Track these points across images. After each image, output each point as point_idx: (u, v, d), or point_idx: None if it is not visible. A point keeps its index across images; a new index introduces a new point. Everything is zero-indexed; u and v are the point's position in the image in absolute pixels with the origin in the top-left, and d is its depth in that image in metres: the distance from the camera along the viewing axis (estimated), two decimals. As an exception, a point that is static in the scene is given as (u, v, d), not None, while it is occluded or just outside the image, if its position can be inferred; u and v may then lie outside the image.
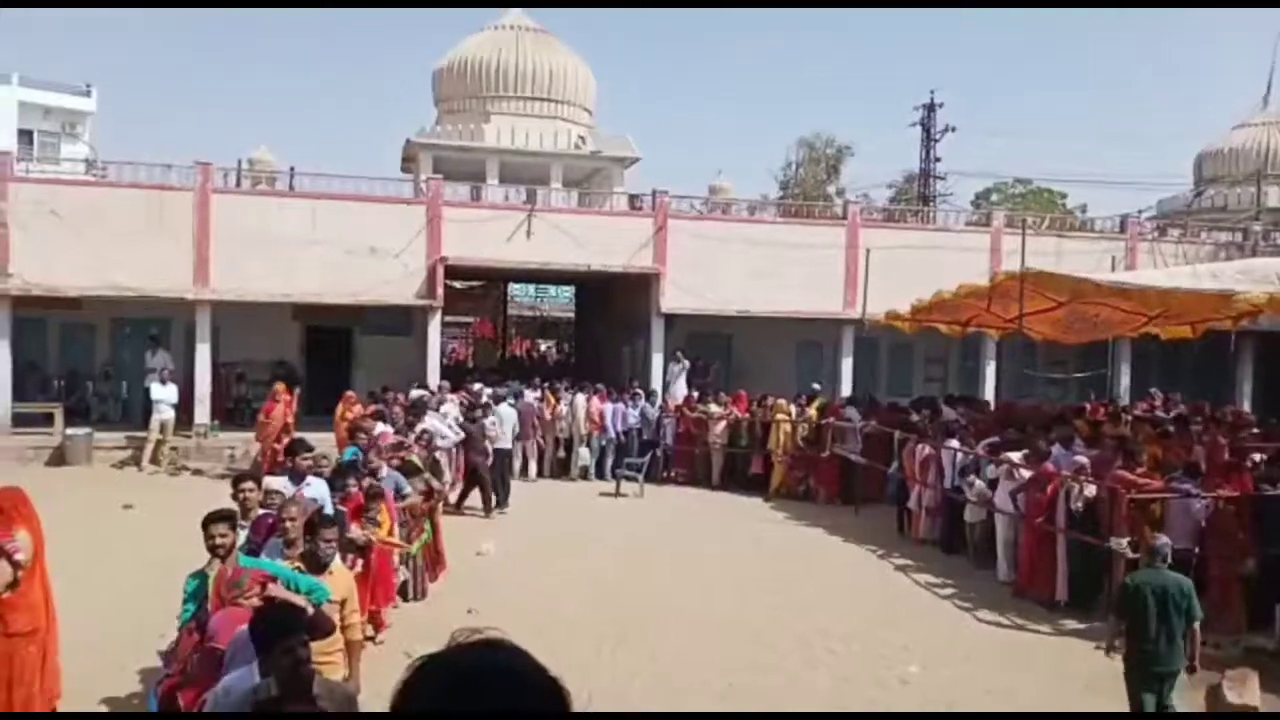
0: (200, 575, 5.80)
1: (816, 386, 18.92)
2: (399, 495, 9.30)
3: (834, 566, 11.89)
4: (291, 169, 22.40)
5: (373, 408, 14.49)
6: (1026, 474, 10.87)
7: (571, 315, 34.91)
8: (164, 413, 17.48)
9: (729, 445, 17.33)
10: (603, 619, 9.24)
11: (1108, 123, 79.11)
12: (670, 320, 21.45)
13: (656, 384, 20.29)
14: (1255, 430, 15.04)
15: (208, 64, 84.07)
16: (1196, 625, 6.67)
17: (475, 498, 14.08)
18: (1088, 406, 17.49)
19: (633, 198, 23.77)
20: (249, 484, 7.04)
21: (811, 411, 17.13)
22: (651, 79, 78.92)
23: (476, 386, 17.55)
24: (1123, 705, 7.54)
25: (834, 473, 16.04)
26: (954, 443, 13.16)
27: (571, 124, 29.86)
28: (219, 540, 5.74)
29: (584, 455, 17.47)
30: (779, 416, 16.93)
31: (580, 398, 17.64)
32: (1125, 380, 22.12)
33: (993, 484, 11.58)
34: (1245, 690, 7.51)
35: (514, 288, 35.50)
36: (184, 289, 18.82)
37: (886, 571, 11.73)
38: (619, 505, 15.22)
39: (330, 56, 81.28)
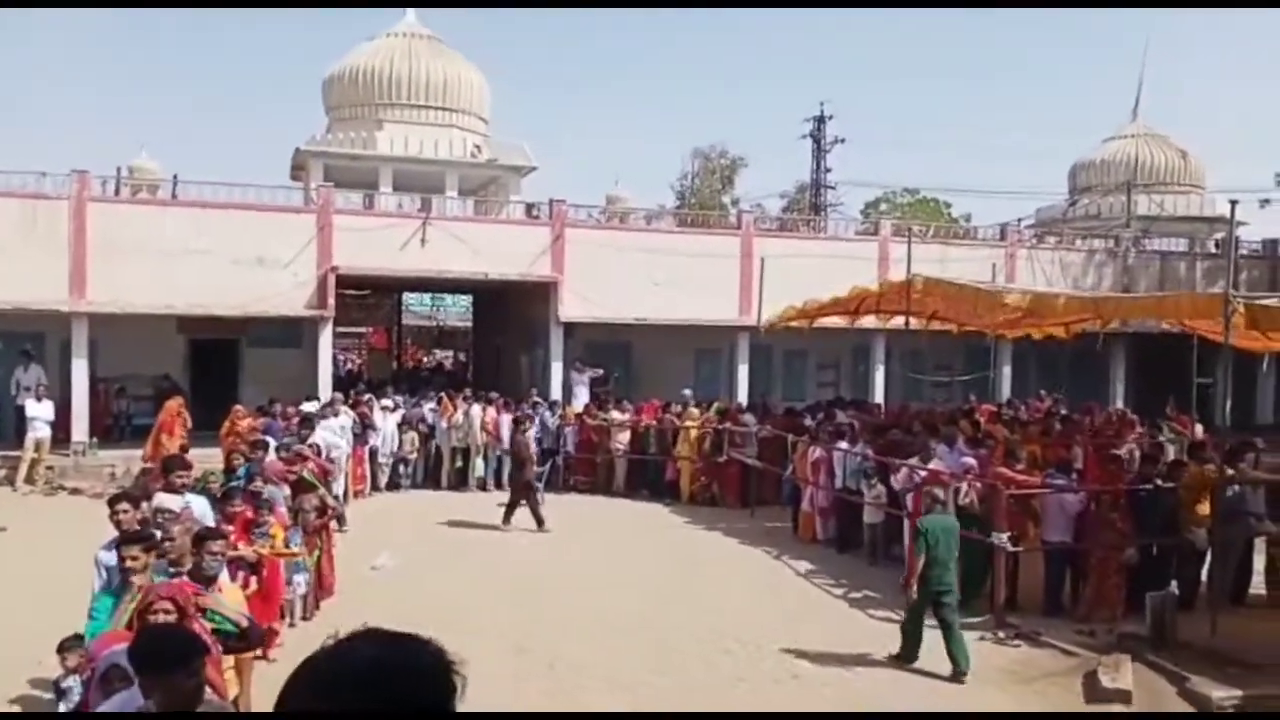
0: (113, 594, 5.53)
1: (687, 393, 19.01)
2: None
3: (731, 568, 12.04)
4: (174, 177, 21.63)
5: (260, 420, 14.10)
6: (920, 474, 11.21)
7: (469, 324, 34.59)
8: (39, 430, 16.66)
9: (633, 452, 17.40)
10: (504, 627, 9.17)
11: (991, 135, 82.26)
12: (569, 329, 21.44)
13: (557, 393, 20.25)
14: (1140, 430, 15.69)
15: (85, 69, 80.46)
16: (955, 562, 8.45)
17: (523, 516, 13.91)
18: (980, 407, 18.09)
19: (529, 206, 23.71)
20: (123, 505, 6.74)
21: (711, 415, 17.36)
22: (548, 89, 78.74)
23: (366, 397, 17.23)
24: (1020, 696, 7.87)
25: (736, 477, 16.27)
26: (844, 445, 13.50)
27: (466, 132, 29.64)
28: (129, 564, 5.48)
29: (479, 466, 17.31)
30: (687, 423, 17.07)
31: (476, 408, 17.48)
32: (1006, 382, 23.02)
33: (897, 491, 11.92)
34: (1119, 675, 7.92)
35: (409, 297, 34.99)
36: (59, 301, 17.96)
37: (782, 572, 11.94)
38: (517, 515, 15.13)
39: (216, 64, 78.85)
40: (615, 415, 17.80)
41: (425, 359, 40.04)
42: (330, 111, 30.13)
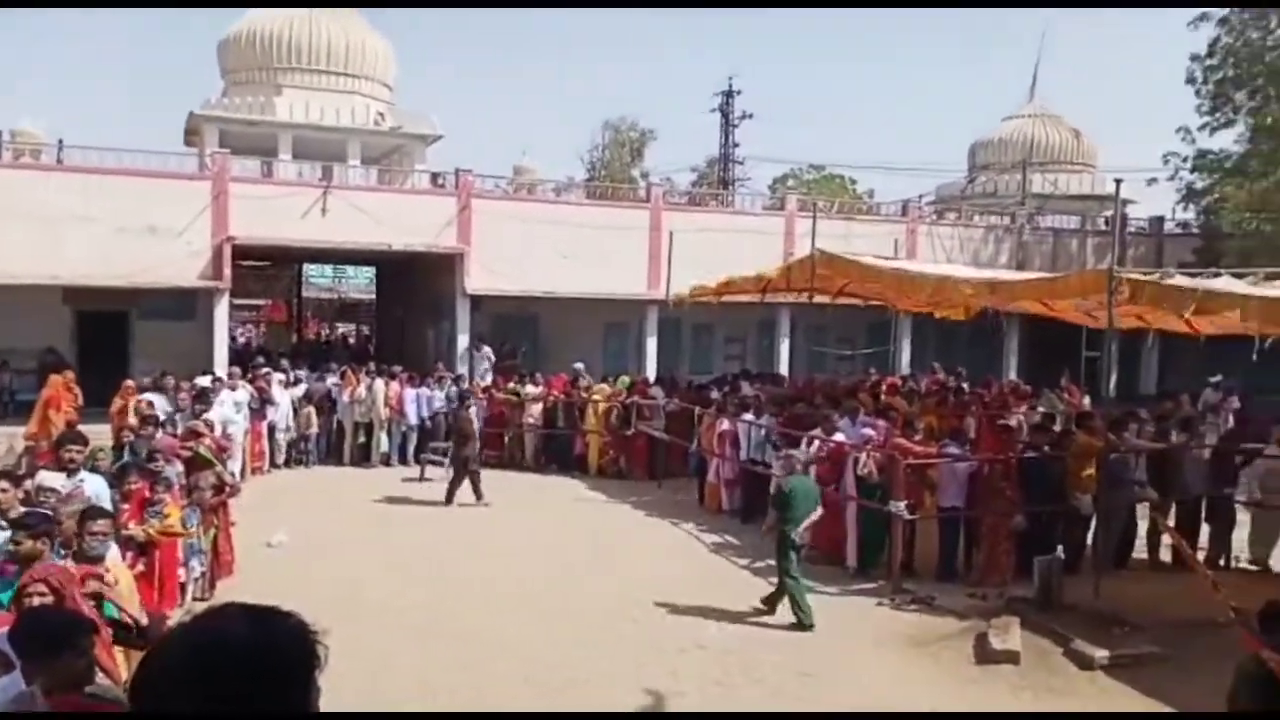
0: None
1: (579, 366, 18.91)
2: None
3: (639, 540, 12.12)
4: (59, 141, 20.62)
5: (146, 397, 13.56)
6: (828, 445, 11.38)
7: (372, 297, 33.93)
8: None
9: (544, 426, 17.32)
10: (407, 605, 9.08)
11: (895, 113, 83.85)
12: (476, 301, 21.21)
13: (464, 367, 20.04)
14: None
15: (-44, 22, 75.84)
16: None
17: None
18: (883, 380, 18.49)
19: (435, 176, 23.30)
20: (1, 484, 6.44)
21: (619, 388, 17.39)
22: (456, 58, 77.39)
23: (265, 371, 16.77)
24: (915, 659, 8.11)
25: (644, 450, 16.35)
26: (749, 417, 13.67)
27: (370, 99, 28.92)
28: (13, 549, 5.23)
29: (383, 441, 17.03)
30: (595, 397, 17.05)
31: (379, 383, 17.16)
32: (906, 356, 23.61)
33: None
34: (1008, 637, 8.23)
35: (309, 268, 34.15)
36: (-68, 270, 17.04)
37: (689, 542, 12.07)
38: (423, 490, 14.96)
39: (105, 22, 75.18)
40: (529, 389, 17.67)
41: (327, 332, 39.16)
42: (226, 75, 29.06)
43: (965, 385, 18.25)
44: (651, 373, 21.11)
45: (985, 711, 7.23)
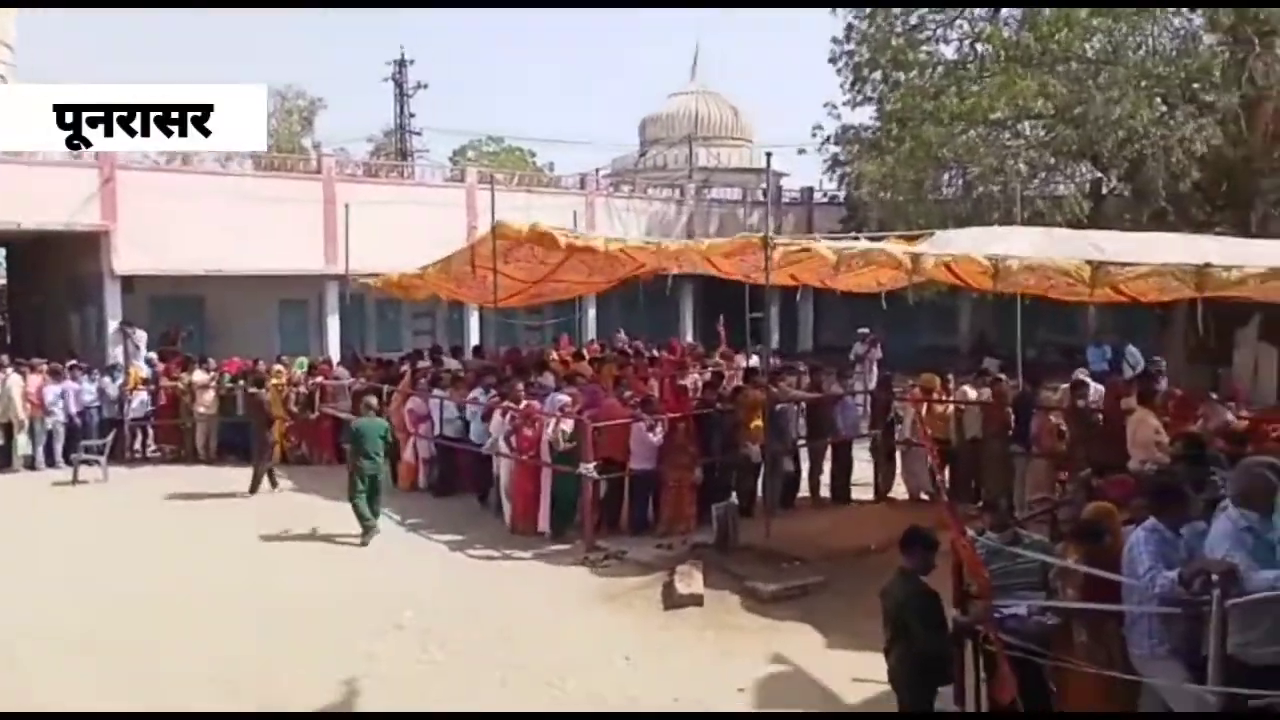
0: None
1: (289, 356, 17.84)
2: None
3: (329, 526, 11.56)
4: None
5: None
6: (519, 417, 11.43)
7: (3, 282, 29.95)
8: None
9: (221, 415, 16.07)
10: (58, 626, 8.13)
11: (571, 87, 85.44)
12: (128, 283, 19.30)
13: (118, 355, 18.17)
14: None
15: None
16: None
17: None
18: (590, 347, 18.83)
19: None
20: None
21: (296, 371, 16.51)
22: (96, 20, 69.19)
23: None
24: (610, 612, 8.42)
25: (329, 434, 15.63)
26: (439, 392, 13.50)
27: (-14, 58, 25.30)
28: None
29: (22, 444, 15.10)
30: (273, 381, 15.96)
31: (16, 377, 15.15)
32: (592, 323, 24.33)
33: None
34: (692, 582, 8.79)
35: (-80, 251, 29.47)
36: None
37: (382, 523, 11.69)
38: (77, 494, 13.49)
39: None
40: (198, 376, 16.30)
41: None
42: None
43: (649, 349, 19.03)
44: (335, 352, 20.27)
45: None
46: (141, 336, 18.51)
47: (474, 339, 22.92)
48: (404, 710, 6.57)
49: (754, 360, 16.21)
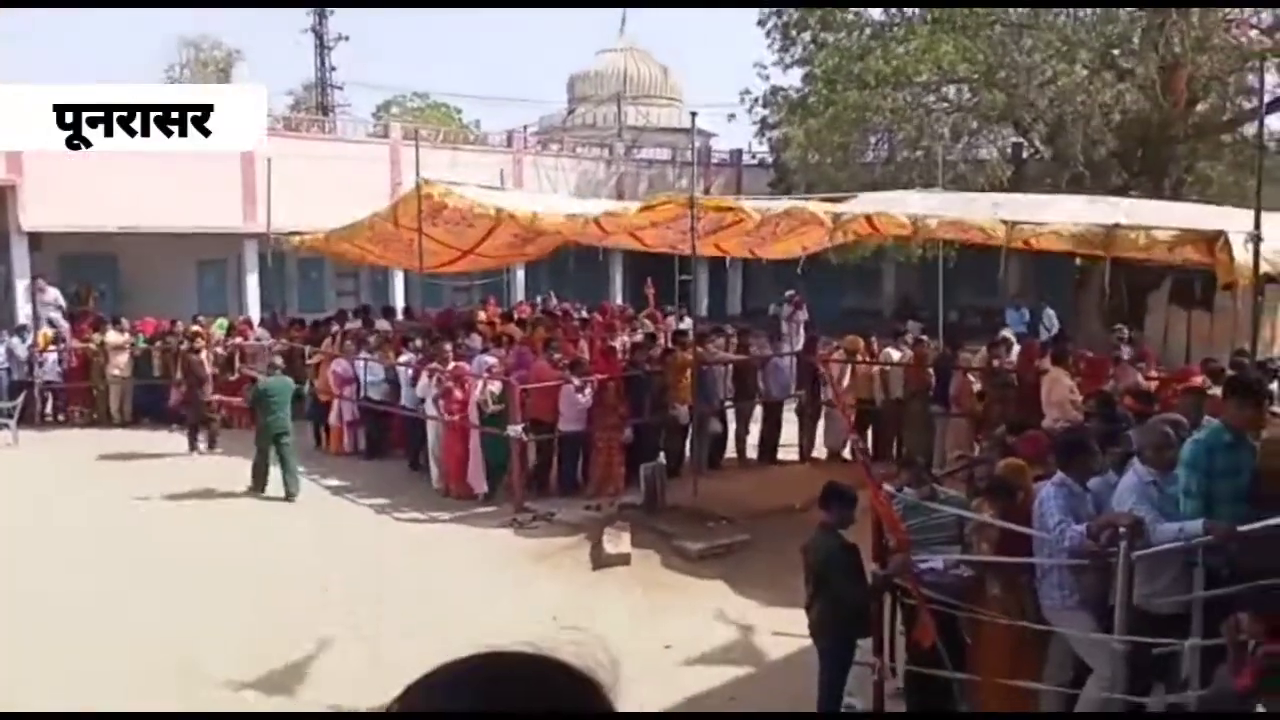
0: None
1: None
2: None
3: (249, 491, 11.34)
4: None
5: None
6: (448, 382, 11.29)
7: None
8: None
9: (136, 377, 15.59)
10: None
11: (500, 43, 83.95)
12: (35, 240, 18.54)
13: (25, 316, 17.48)
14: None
15: None
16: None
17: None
18: (515, 309, 18.64)
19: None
20: None
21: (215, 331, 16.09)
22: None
23: None
24: (537, 572, 8.44)
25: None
26: (365, 354, 13.29)
27: None
28: None
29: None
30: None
31: (-84, 338, 14.54)
32: (521, 286, 24.12)
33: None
34: (620, 541, 8.87)
35: None
36: None
37: (309, 488, 11.52)
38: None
39: None
40: (111, 337, 15.75)
41: None
42: None
43: (577, 311, 18.97)
44: (255, 313, 19.79)
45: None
46: (55, 296, 17.81)
47: (400, 300, 22.55)
48: (326, 676, 6.53)
49: (684, 323, 16.31)
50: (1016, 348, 12.33)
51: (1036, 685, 5.26)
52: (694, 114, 12.31)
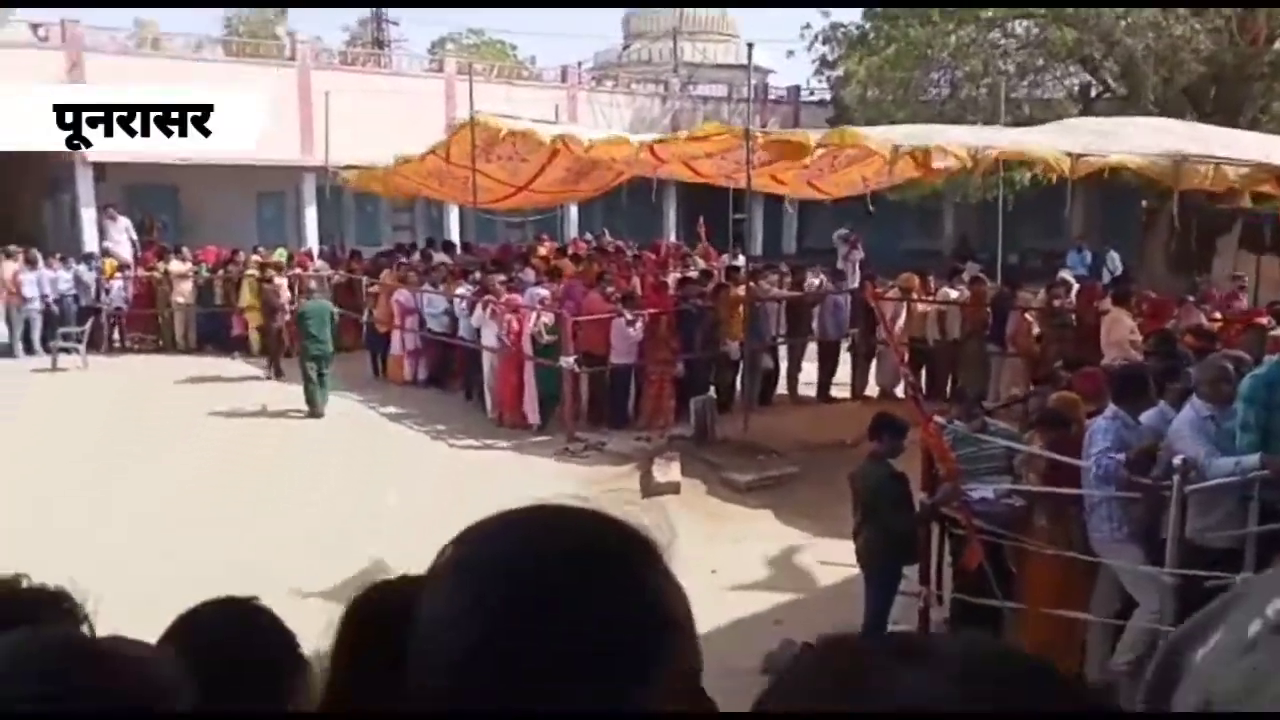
0: None
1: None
2: None
3: (327, 423, 11.55)
4: None
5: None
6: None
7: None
8: None
9: (199, 305, 15.99)
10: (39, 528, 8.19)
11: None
12: (100, 170, 18.92)
13: (92, 244, 17.94)
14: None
15: None
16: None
17: None
18: (571, 245, 18.68)
19: (35, 26, 20.17)
20: None
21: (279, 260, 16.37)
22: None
23: None
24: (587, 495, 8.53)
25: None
26: (428, 287, 13.43)
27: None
28: None
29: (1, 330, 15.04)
30: (249, 272, 15.80)
31: (-9, 264, 15.00)
32: (574, 223, 24.12)
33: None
34: (669, 470, 8.98)
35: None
36: None
37: (369, 415, 11.79)
38: (57, 381, 13.48)
39: None
40: (175, 266, 16.15)
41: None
42: None
43: (630, 248, 18.93)
44: (314, 244, 20.08)
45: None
46: (126, 224, 18.20)
47: (455, 235, 22.69)
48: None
49: (738, 260, 16.23)
50: (1076, 288, 12.12)
51: (1083, 615, 5.28)
52: (750, 45, 12.12)
